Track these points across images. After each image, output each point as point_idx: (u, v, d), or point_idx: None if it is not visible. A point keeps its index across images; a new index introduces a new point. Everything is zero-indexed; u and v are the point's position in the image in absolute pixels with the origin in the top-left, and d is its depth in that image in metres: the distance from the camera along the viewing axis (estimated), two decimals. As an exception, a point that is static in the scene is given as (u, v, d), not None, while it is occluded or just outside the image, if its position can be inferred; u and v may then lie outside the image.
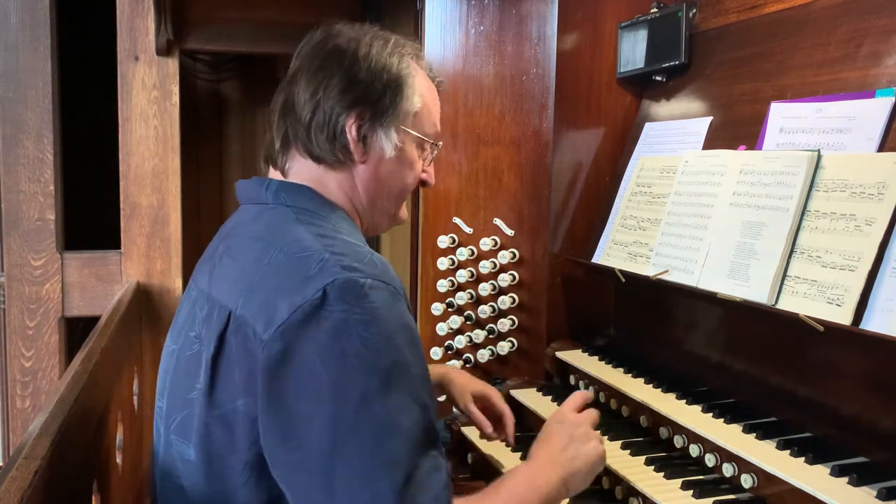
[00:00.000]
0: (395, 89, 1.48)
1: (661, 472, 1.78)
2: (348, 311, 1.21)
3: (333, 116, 1.45)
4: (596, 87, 2.54)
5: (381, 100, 1.47)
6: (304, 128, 1.46)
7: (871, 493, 1.44)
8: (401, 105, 1.48)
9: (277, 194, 1.45)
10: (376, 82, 1.46)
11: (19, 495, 1.14)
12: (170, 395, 1.42)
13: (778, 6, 2.08)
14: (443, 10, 2.54)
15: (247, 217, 1.48)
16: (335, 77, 1.45)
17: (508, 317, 2.51)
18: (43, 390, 3.40)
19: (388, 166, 1.50)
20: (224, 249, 1.44)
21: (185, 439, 1.35)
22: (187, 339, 1.39)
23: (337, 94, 1.45)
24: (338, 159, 1.47)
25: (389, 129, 1.48)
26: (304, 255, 1.29)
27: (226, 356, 1.28)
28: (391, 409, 1.21)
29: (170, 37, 3.40)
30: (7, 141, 3.36)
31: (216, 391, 1.29)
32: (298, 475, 1.21)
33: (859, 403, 1.63)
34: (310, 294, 1.22)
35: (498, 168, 2.55)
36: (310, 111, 1.46)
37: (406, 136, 1.51)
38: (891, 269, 1.50)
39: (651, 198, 2.23)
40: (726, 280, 1.85)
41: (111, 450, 2.05)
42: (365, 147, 1.47)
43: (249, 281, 1.31)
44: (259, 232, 1.40)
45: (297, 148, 1.48)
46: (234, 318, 1.28)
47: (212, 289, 1.39)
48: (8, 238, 3.40)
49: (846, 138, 1.74)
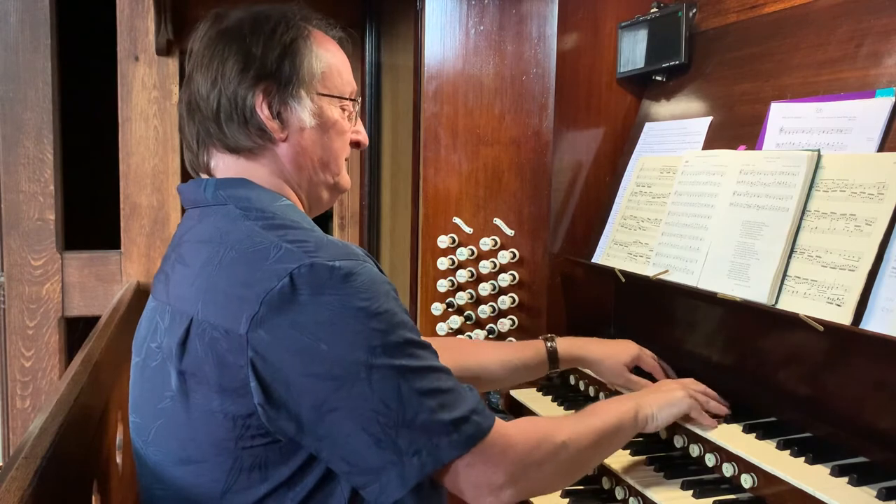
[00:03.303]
0: (292, 55, 1.42)
1: (661, 472, 1.78)
2: (326, 293, 1.21)
3: (239, 100, 1.39)
4: (596, 87, 2.54)
5: (281, 69, 1.40)
6: (214, 122, 1.41)
7: (871, 493, 1.44)
8: (303, 69, 1.42)
9: (216, 193, 1.40)
10: (270, 52, 1.40)
11: (19, 495, 1.14)
12: (141, 408, 1.40)
13: (778, 6, 2.08)
14: (443, 10, 2.54)
15: (192, 222, 1.44)
16: (229, 60, 1.40)
17: (508, 317, 2.51)
18: (43, 390, 3.39)
19: (312, 135, 1.45)
20: (176, 258, 1.41)
21: (163, 449, 1.34)
22: (150, 351, 1.37)
23: (236, 75, 1.39)
24: (257, 144, 1.42)
25: (300, 96, 1.42)
26: (258, 248, 1.27)
27: (193, 361, 1.26)
28: (395, 356, 1.24)
29: (170, 37, 3.40)
30: (7, 141, 3.36)
31: (189, 396, 1.27)
32: (340, 444, 1.24)
33: (859, 403, 1.63)
34: (276, 282, 1.21)
35: (498, 168, 2.55)
36: (214, 102, 1.40)
37: (320, 100, 1.45)
38: (891, 269, 1.50)
39: (651, 198, 2.23)
40: (726, 280, 1.85)
41: (111, 450, 2.05)
42: (281, 122, 1.42)
43: (205, 284, 1.28)
44: (206, 234, 1.37)
45: (213, 146, 1.44)
46: (196, 324, 1.26)
47: (170, 298, 1.36)
48: (8, 238, 3.40)
49: (846, 138, 1.74)
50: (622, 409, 1.63)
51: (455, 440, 1.26)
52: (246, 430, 1.25)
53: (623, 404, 1.66)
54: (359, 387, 1.22)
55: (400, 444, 1.23)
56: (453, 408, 1.27)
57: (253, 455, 1.26)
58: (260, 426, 1.24)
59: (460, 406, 1.29)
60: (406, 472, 1.24)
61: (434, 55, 2.53)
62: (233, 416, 1.24)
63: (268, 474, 1.27)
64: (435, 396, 1.26)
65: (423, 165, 2.55)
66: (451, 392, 1.29)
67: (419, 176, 2.60)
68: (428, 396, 1.25)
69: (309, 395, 1.22)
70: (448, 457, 1.27)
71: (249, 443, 1.26)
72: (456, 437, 1.26)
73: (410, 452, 1.24)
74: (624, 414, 1.62)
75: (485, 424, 1.31)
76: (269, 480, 1.27)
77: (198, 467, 1.29)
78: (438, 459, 1.26)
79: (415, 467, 1.24)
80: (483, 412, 1.32)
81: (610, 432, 1.57)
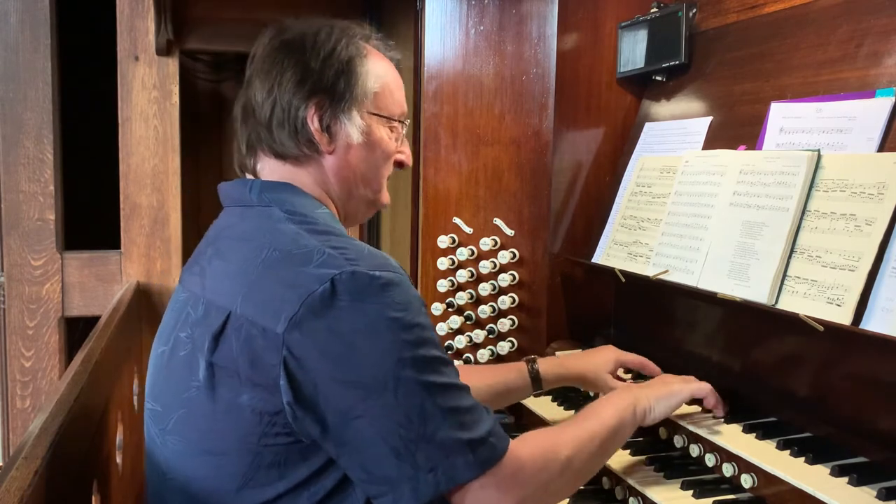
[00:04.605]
0: (348, 73, 1.47)
1: (661, 472, 1.78)
2: (365, 301, 1.24)
3: (292, 110, 1.45)
4: (596, 87, 2.54)
5: (336, 85, 1.46)
6: (265, 128, 1.46)
7: (871, 493, 1.44)
8: (357, 88, 1.47)
9: (261, 194, 1.44)
10: (328, 69, 1.45)
11: (19, 495, 1.14)
12: (163, 396, 1.41)
13: (778, 6, 2.08)
14: (443, 10, 2.53)
15: (233, 219, 1.48)
16: (288, 71, 1.45)
17: (508, 317, 2.51)
18: (43, 390, 3.39)
19: (358, 152, 1.49)
20: (213, 252, 1.44)
21: (183, 439, 1.35)
22: (178, 340, 1.39)
23: (292, 87, 1.45)
24: (304, 153, 1.47)
25: (351, 113, 1.47)
26: (303, 251, 1.30)
27: (225, 354, 1.28)
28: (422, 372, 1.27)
29: (170, 37, 3.40)
30: (7, 141, 3.36)
31: (217, 388, 1.29)
32: (358, 452, 1.26)
33: (859, 403, 1.63)
34: (317, 285, 1.24)
35: (498, 168, 2.55)
36: (268, 109, 1.46)
37: (370, 118, 1.50)
38: (891, 269, 1.50)
39: (651, 198, 2.23)
40: (726, 280, 1.85)
41: (111, 450, 2.05)
42: (330, 136, 1.47)
43: (246, 280, 1.31)
44: (248, 233, 1.40)
45: (262, 150, 1.49)
46: (233, 318, 1.29)
47: (205, 291, 1.38)
48: (8, 238, 3.40)
49: (846, 138, 1.74)
50: (620, 406, 1.64)
51: (471, 461, 1.28)
52: (271, 428, 1.27)
53: (621, 400, 1.67)
54: (385, 397, 1.24)
55: (418, 458, 1.25)
56: (472, 428, 1.30)
57: (274, 452, 1.28)
58: (285, 424, 1.27)
59: (479, 427, 1.31)
60: (420, 487, 1.26)
61: (434, 55, 2.53)
62: (259, 411, 1.26)
63: (286, 473, 1.29)
64: (456, 415, 1.29)
65: (423, 165, 2.55)
66: (471, 411, 1.32)
67: (419, 176, 2.60)
68: (450, 414, 1.28)
69: (336, 400, 1.24)
70: (463, 477, 1.28)
71: (272, 440, 1.28)
72: (472, 458, 1.28)
73: (427, 468, 1.25)
74: (623, 411, 1.63)
75: (500, 447, 1.33)
76: (286, 479, 1.29)
77: (217, 459, 1.31)
78: (453, 479, 1.28)
79: (429, 484, 1.26)
80: (498, 434, 1.35)
81: (611, 433, 1.58)
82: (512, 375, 2.01)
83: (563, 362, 2.06)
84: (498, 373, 2.02)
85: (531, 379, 2.00)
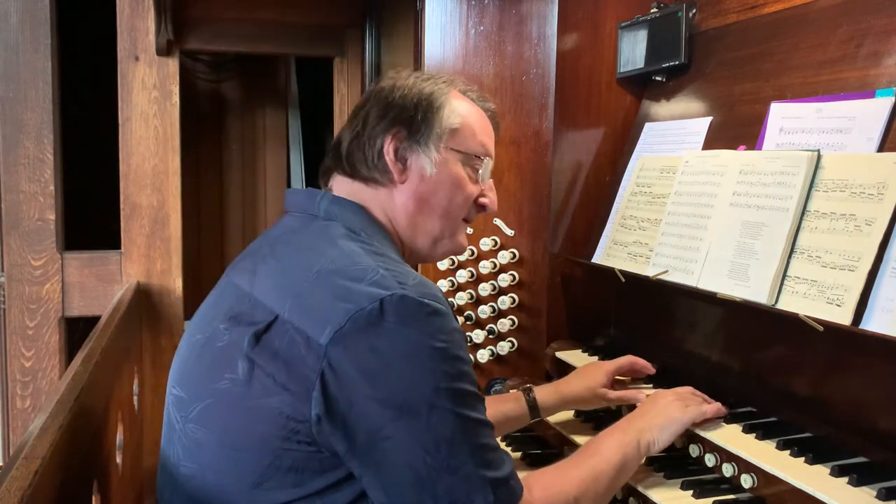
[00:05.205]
0: (427, 107, 1.52)
1: (660, 471, 1.78)
2: (410, 326, 1.26)
3: (371, 140, 1.51)
4: (596, 87, 2.54)
5: (415, 118, 1.51)
6: (345, 155, 1.53)
7: (871, 493, 1.44)
8: (435, 121, 1.52)
9: (329, 208, 1.48)
10: (409, 103, 1.52)
11: (19, 495, 1.14)
12: (191, 383, 1.41)
13: (778, 6, 2.08)
14: (443, 10, 2.54)
15: (295, 225, 1.51)
16: (374, 109, 1.53)
17: (508, 317, 2.51)
18: (43, 390, 3.40)
19: (430, 185, 1.53)
20: (269, 252, 1.46)
21: (205, 427, 1.36)
22: (217, 331, 1.39)
23: (374, 120, 1.52)
24: (376, 179, 1.51)
25: (428, 146, 1.51)
26: (357, 268, 1.33)
27: (266, 354, 1.29)
28: (457, 404, 1.28)
29: (170, 37, 3.40)
30: (7, 141, 3.36)
31: (251, 385, 1.30)
32: (383, 474, 1.27)
33: (859, 403, 1.63)
34: (367, 303, 1.26)
35: (498, 168, 2.52)
36: (350, 139, 1.54)
37: (447, 153, 1.53)
38: (891, 269, 1.50)
39: (651, 198, 2.23)
40: (726, 280, 1.85)
41: (111, 450, 2.05)
42: (404, 167, 1.51)
43: (298, 288, 1.33)
44: (308, 241, 1.44)
45: (337, 171, 1.56)
46: (280, 321, 1.30)
47: (254, 289, 1.40)
48: (8, 238, 3.40)
49: (846, 138, 1.74)
50: (623, 442, 1.64)
51: (490, 500, 1.28)
52: (294, 434, 1.27)
53: (624, 435, 1.66)
54: (418, 423, 1.25)
55: (438, 488, 1.26)
56: (496, 468, 1.31)
57: (293, 458, 1.29)
58: (308, 433, 1.27)
59: (502, 468, 1.32)
60: None
61: (434, 55, 2.53)
62: (287, 416, 1.27)
63: (302, 480, 1.30)
64: (483, 452, 1.30)
65: (423, 165, 2.55)
66: (496, 451, 1.33)
67: (419, 176, 2.60)
68: (477, 450, 1.29)
69: (368, 420, 1.25)
70: None
71: (294, 446, 1.28)
72: (493, 498, 1.29)
73: (446, 500, 1.26)
74: (626, 447, 1.63)
75: (518, 491, 1.35)
76: (301, 486, 1.30)
77: (237, 455, 1.31)
78: None
79: None
80: (517, 478, 1.36)
81: (616, 472, 1.59)
82: (510, 405, 2.01)
83: (558, 389, 2.05)
84: (496, 403, 2.02)
85: (528, 408, 2.00)
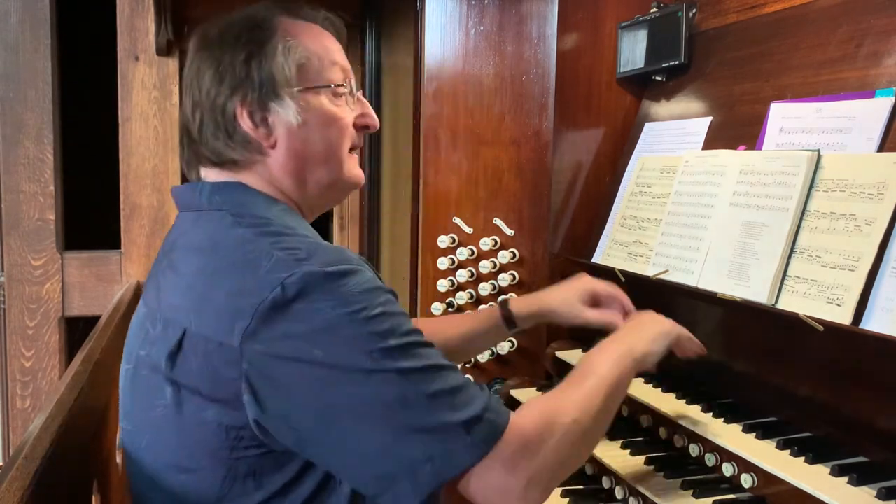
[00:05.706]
0: (259, 56, 1.34)
1: (661, 471, 1.78)
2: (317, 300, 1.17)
3: (218, 113, 1.34)
4: (596, 87, 2.55)
5: (250, 74, 1.33)
6: (201, 143, 1.38)
7: (871, 493, 1.44)
8: (275, 69, 1.34)
9: (211, 197, 1.35)
10: (237, 58, 1.34)
11: (19, 495, 1.14)
12: (133, 416, 1.38)
13: (778, 6, 2.08)
14: (443, 10, 2.54)
15: (186, 226, 1.40)
16: (205, 73, 1.35)
17: (508, 317, 2.51)
18: (43, 390, 3.39)
19: (302, 135, 1.37)
20: (167, 264, 1.37)
21: (157, 456, 1.32)
22: (139, 359, 1.33)
23: (212, 87, 1.34)
24: (244, 157, 1.37)
25: (281, 97, 1.35)
26: (249, 258, 1.23)
27: (186, 372, 1.23)
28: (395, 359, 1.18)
29: (170, 37, 3.40)
30: (7, 141, 3.36)
31: (183, 406, 1.24)
32: (347, 454, 1.19)
33: (859, 403, 1.63)
34: (268, 292, 1.17)
35: (498, 168, 2.55)
36: (198, 121, 1.36)
37: (304, 94, 1.37)
38: (891, 269, 1.50)
39: (651, 198, 2.23)
40: (726, 280, 1.85)
41: (111, 450, 2.05)
42: (267, 129, 1.36)
43: (197, 295, 1.25)
44: (199, 241, 1.33)
45: (202, 164, 1.41)
46: (189, 335, 1.23)
47: (161, 306, 1.32)
48: (8, 238, 3.40)
49: (846, 138, 1.74)
50: (617, 355, 1.49)
51: (469, 443, 1.18)
52: (239, 442, 1.22)
53: (616, 349, 1.52)
54: (361, 394, 1.17)
55: (411, 451, 1.17)
56: (465, 408, 1.20)
57: (247, 464, 1.24)
58: (253, 437, 1.22)
59: (472, 405, 1.20)
60: (420, 480, 1.17)
61: (434, 55, 2.53)
62: (226, 426, 1.21)
63: (262, 483, 1.25)
64: (443, 397, 1.19)
65: (423, 165, 2.55)
66: (460, 391, 1.21)
67: (419, 176, 2.60)
68: (436, 398, 1.18)
69: (311, 406, 1.18)
70: (464, 462, 1.19)
71: (244, 453, 1.23)
72: (470, 439, 1.18)
73: (423, 459, 1.16)
74: (620, 359, 1.49)
75: (499, 423, 1.22)
76: (263, 489, 1.25)
77: (192, 475, 1.27)
78: (454, 465, 1.18)
79: (429, 475, 1.17)
80: (496, 409, 1.23)
81: (613, 388, 1.43)
82: (482, 317, 1.94)
83: (536, 296, 1.95)
84: (470, 319, 1.97)
85: (504, 319, 1.91)
